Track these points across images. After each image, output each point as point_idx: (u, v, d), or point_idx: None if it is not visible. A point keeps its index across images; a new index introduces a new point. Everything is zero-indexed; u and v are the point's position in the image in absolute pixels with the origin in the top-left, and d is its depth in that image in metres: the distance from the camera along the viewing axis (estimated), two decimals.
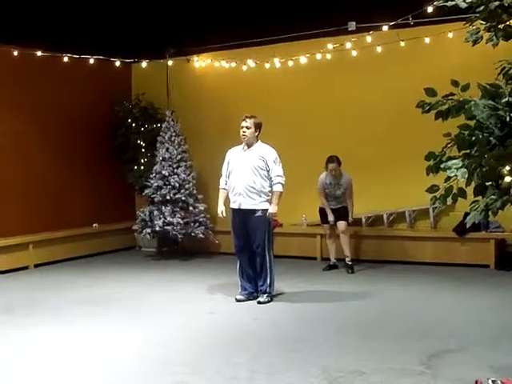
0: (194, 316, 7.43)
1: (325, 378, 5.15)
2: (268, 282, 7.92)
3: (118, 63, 11.61)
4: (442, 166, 4.10)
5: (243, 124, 7.96)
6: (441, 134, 4.26)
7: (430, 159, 4.19)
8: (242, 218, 7.93)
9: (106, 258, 11.73)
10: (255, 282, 8.03)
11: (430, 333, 6.44)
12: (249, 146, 8.01)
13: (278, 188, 7.92)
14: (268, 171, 7.90)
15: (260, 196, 7.87)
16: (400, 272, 9.77)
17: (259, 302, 7.83)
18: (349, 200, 9.92)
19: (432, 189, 4.16)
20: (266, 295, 7.90)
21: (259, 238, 7.85)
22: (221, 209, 8.12)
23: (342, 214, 9.91)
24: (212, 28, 11.13)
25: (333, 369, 5.37)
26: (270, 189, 7.94)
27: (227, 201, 8.18)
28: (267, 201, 7.90)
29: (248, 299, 7.96)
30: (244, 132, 7.94)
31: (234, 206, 8.01)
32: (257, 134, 8.00)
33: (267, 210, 7.86)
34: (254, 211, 7.85)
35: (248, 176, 7.87)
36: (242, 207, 7.89)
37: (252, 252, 7.97)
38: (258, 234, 7.85)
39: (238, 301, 7.94)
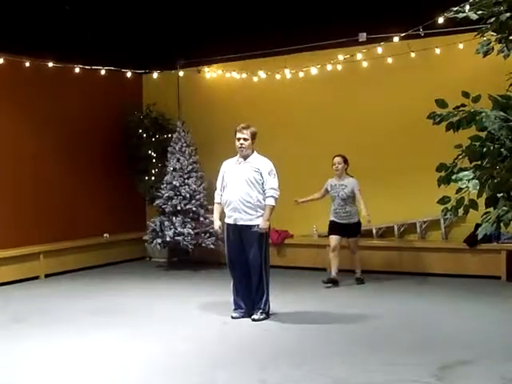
0: (204, 326, 7.42)
1: None
2: (264, 299, 7.61)
3: (129, 74, 11.67)
4: (453, 177, 4.09)
5: (240, 136, 7.59)
6: (452, 145, 4.25)
7: (441, 170, 4.17)
8: (238, 233, 7.59)
9: (117, 268, 11.75)
10: (250, 300, 7.69)
11: (442, 344, 6.41)
12: (244, 157, 7.66)
13: (270, 202, 7.52)
14: (263, 183, 7.54)
15: (256, 211, 7.51)
16: (411, 283, 9.73)
17: (254, 320, 7.50)
18: (359, 201, 9.57)
19: (443, 200, 4.14)
20: (260, 312, 7.58)
21: (255, 254, 7.51)
22: (217, 224, 7.80)
23: (353, 230, 9.73)
24: (223, 39, 11.17)
25: (343, 380, 5.35)
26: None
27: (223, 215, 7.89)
28: (263, 214, 7.54)
29: (243, 317, 7.66)
30: (242, 144, 7.58)
31: (229, 221, 7.65)
32: (253, 144, 7.69)
33: None
34: (249, 226, 7.51)
35: (243, 189, 7.51)
36: (238, 223, 7.54)
37: (246, 268, 7.62)
38: (253, 250, 7.51)
39: (234, 318, 7.64)
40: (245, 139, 7.59)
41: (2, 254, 10.23)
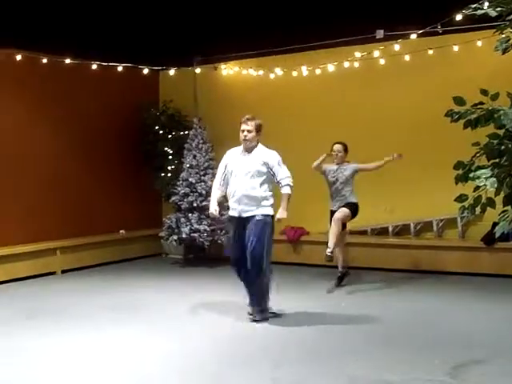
0: (219, 324, 7.42)
1: None
2: (264, 296, 7.39)
3: (145, 71, 11.67)
4: (470, 175, 4.06)
5: (244, 127, 7.38)
6: (469, 143, 4.22)
7: (458, 168, 4.15)
8: (242, 226, 7.31)
9: (133, 265, 11.79)
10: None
11: (457, 343, 6.38)
12: (249, 150, 7.44)
13: (286, 190, 7.33)
14: (273, 175, 7.34)
15: (261, 203, 7.27)
16: (427, 282, 9.69)
17: (256, 321, 7.32)
18: (378, 163, 9.27)
19: (460, 198, 4.12)
20: (260, 311, 7.39)
21: (256, 244, 7.15)
22: (213, 207, 7.50)
23: (344, 206, 9.15)
24: (239, 36, 11.14)
25: (359, 379, 5.34)
26: (271, 193, 7.40)
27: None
28: (269, 205, 7.34)
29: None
30: (246, 136, 7.36)
31: (233, 213, 7.44)
32: (258, 136, 7.45)
33: (268, 215, 7.30)
34: (254, 216, 7.25)
35: (248, 182, 7.29)
36: (243, 215, 7.30)
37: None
38: (254, 240, 7.16)
39: (250, 314, 7.53)
40: (249, 131, 7.40)
41: (19, 249, 10.30)
